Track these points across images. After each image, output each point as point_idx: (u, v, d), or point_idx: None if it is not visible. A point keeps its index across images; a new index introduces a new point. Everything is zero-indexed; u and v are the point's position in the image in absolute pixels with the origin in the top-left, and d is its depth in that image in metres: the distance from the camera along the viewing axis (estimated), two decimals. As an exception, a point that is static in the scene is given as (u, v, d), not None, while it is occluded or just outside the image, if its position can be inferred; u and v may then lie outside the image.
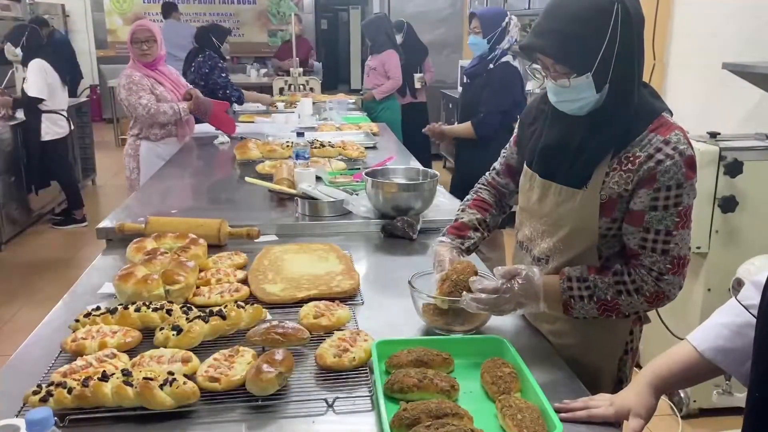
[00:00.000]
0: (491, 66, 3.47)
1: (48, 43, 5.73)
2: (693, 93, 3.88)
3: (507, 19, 3.42)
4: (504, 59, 3.45)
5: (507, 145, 1.71)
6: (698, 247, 2.71)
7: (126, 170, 3.86)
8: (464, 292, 1.42)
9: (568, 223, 1.44)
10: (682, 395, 2.85)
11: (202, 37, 5.19)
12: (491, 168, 1.76)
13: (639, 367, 1.56)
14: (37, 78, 5.01)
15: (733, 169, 2.63)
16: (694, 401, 2.82)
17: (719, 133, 2.81)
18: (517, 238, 1.64)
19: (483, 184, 1.77)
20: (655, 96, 1.43)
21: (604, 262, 1.44)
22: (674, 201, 1.33)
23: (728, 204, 2.66)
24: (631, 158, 1.35)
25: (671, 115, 1.41)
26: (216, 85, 4.91)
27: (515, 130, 1.67)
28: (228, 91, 5.00)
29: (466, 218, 1.68)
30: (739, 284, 2.31)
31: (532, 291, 1.39)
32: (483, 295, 1.38)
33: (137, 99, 3.63)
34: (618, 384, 1.52)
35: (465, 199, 1.76)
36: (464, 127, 3.64)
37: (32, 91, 5.00)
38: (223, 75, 4.99)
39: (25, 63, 5.08)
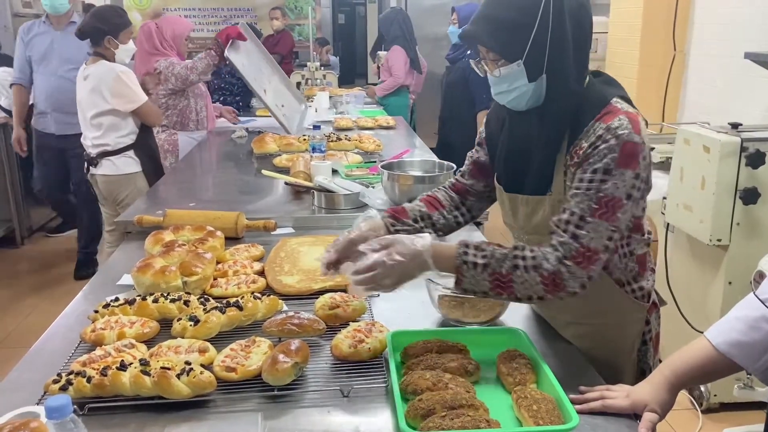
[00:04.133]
0: (469, 51, 4.30)
1: None
2: (714, 83, 3.82)
3: None
4: None
5: (475, 145, 1.60)
6: (719, 240, 2.68)
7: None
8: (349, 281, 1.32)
9: (545, 231, 1.35)
10: (702, 389, 2.82)
11: None
12: (457, 170, 1.65)
13: (659, 360, 1.54)
14: None
15: (756, 160, 2.58)
16: (715, 395, 2.79)
17: (741, 124, 2.76)
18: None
19: (441, 188, 1.63)
20: (609, 83, 1.36)
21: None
22: (597, 186, 1.23)
23: (750, 196, 2.61)
24: (578, 151, 1.28)
25: (629, 102, 1.32)
26: None
27: (482, 129, 1.58)
28: None
29: (408, 206, 1.54)
30: (761, 277, 2.27)
31: (413, 256, 1.26)
32: (359, 276, 1.27)
33: (183, 69, 3.69)
34: (641, 375, 1.48)
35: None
36: (480, 122, 4.12)
37: None
38: None
39: None
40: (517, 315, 1.56)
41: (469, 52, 4.37)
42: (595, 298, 1.41)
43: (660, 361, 1.51)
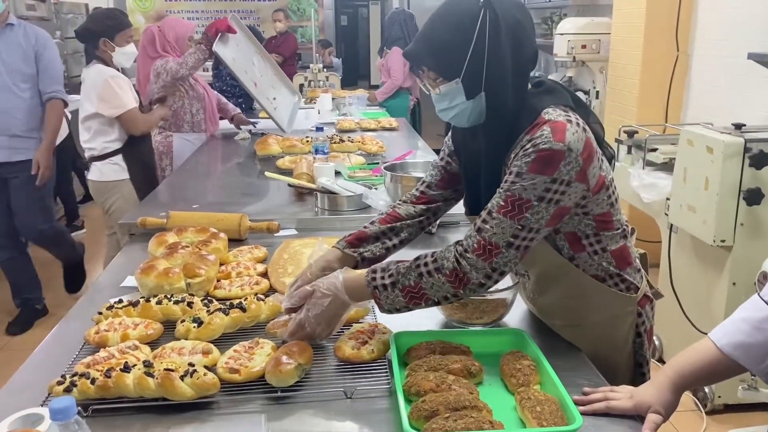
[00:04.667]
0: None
1: None
2: (717, 84, 3.82)
3: None
4: None
5: (438, 160, 1.60)
6: (723, 240, 2.67)
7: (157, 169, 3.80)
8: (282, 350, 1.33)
9: None
10: (706, 390, 2.81)
11: None
12: (420, 182, 1.63)
13: (662, 362, 1.54)
14: None
15: (759, 160, 2.58)
16: (719, 397, 2.78)
17: (744, 125, 2.76)
18: None
19: (403, 201, 1.63)
20: (550, 91, 1.35)
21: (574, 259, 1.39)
22: (507, 186, 1.26)
23: (753, 196, 2.61)
24: (508, 164, 1.31)
25: (569, 107, 1.31)
26: None
27: (449, 144, 1.57)
28: None
29: (368, 230, 1.56)
30: (765, 278, 2.27)
31: (331, 300, 1.33)
32: (295, 338, 1.34)
33: (175, 64, 3.62)
34: (638, 367, 1.50)
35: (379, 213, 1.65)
36: None
37: None
38: None
39: None
40: (520, 316, 1.56)
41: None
42: (580, 298, 1.42)
43: (652, 354, 1.52)
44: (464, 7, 1.28)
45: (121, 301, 1.53)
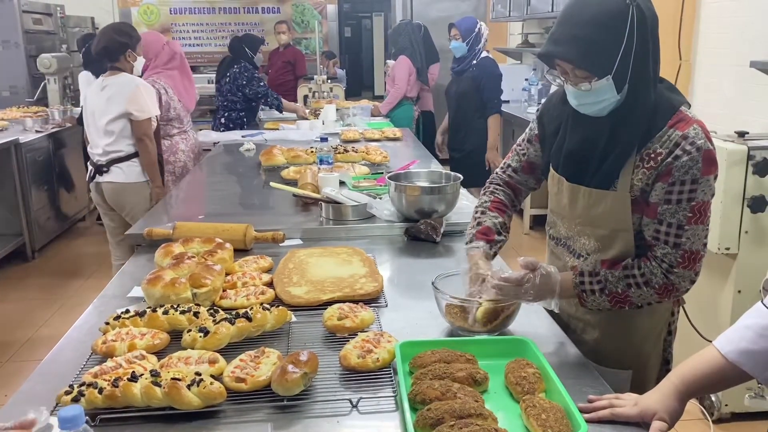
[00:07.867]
0: (475, 62, 4.42)
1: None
2: (720, 92, 3.83)
3: (479, 26, 4.41)
4: (483, 55, 4.44)
5: (522, 142, 1.71)
6: (727, 248, 2.67)
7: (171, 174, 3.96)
8: (488, 278, 1.47)
9: (604, 224, 1.47)
10: (713, 399, 2.80)
11: (236, 47, 5.30)
12: (504, 165, 1.75)
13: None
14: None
15: (763, 168, 2.59)
16: (726, 405, 2.77)
17: (747, 132, 2.77)
18: (550, 235, 1.66)
19: (498, 184, 1.75)
20: (672, 90, 1.45)
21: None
22: (687, 196, 1.35)
23: (758, 204, 2.61)
24: (653, 155, 1.38)
25: (689, 107, 1.42)
26: (256, 94, 5.04)
27: (533, 127, 1.67)
28: (268, 99, 5.11)
29: (489, 222, 1.65)
30: (770, 285, 2.26)
31: (550, 286, 1.44)
32: (505, 284, 1.43)
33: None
34: (665, 364, 1.57)
35: (482, 200, 1.74)
36: (492, 126, 4.47)
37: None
38: (262, 84, 5.15)
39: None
40: (525, 324, 1.56)
41: (474, 62, 4.42)
42: None
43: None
44: (611, 5, 1.32)
45: (128, 311, 1.54)
